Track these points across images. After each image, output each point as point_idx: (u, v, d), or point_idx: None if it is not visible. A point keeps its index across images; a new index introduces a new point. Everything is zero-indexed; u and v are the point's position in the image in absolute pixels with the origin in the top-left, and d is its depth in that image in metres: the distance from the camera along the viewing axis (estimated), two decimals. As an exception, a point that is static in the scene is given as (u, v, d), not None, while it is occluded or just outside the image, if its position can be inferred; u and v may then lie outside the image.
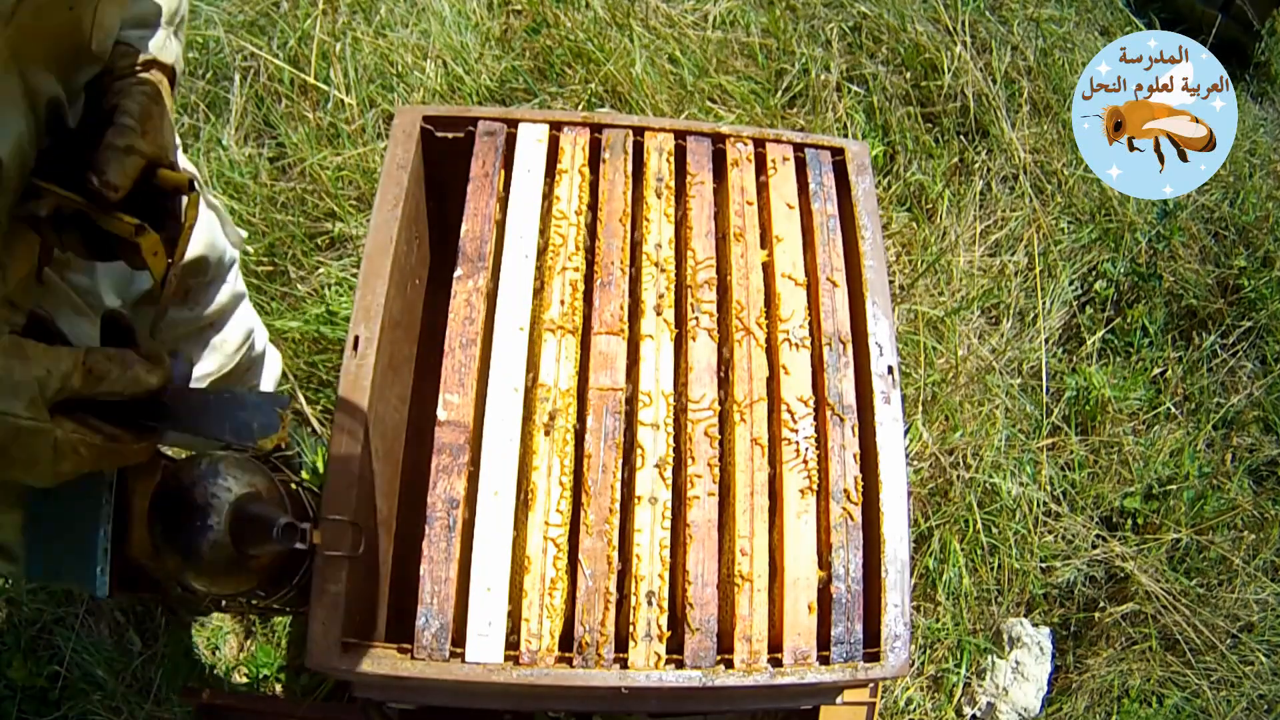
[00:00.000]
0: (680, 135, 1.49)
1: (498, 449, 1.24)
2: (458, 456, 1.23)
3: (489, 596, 1.17)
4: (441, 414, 1.25)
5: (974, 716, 2.04)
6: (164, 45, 1.00)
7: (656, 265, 1.38)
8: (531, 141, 1.44)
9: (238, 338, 1.60)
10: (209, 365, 1.54)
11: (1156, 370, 2.45)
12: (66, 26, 0.83)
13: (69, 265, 1.06)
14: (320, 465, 2.02)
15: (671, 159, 1.47)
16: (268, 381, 1.88)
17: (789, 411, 1.30)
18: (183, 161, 1.36)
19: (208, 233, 1.37)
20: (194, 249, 1.32)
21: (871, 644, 1.21)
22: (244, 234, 1.75)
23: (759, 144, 1.49)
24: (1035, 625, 2.11)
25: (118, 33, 0.95)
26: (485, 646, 1.15)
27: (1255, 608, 2.16)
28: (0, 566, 1.31)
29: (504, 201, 1.40)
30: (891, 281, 2.11)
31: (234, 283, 1.52)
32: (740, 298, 1.37)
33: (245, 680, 1.95)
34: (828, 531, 1.25)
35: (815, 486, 1.27)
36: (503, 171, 1.42)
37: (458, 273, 1.33)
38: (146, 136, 0.90)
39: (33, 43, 0.81)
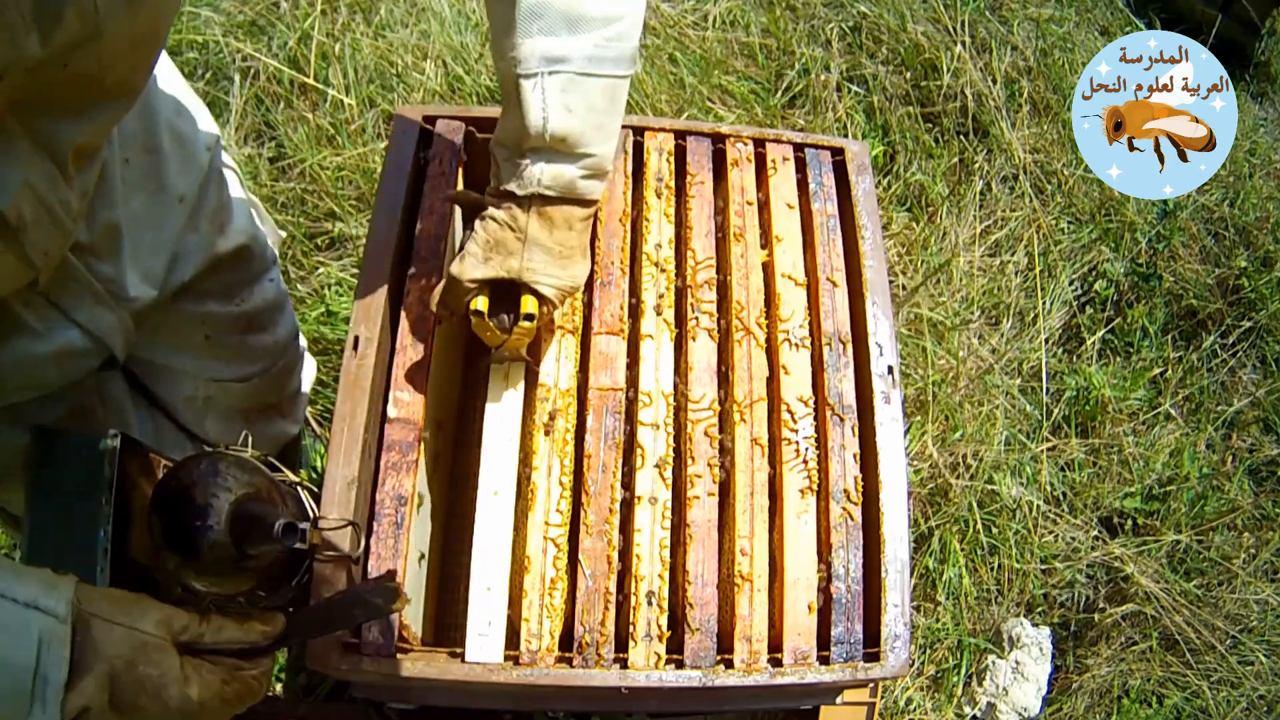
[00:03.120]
0: (680, 135, 1.49)
1: (498, 449, 1.24)
2: (406, 454, 1.22)
3: (489, 596, 1.17)
4: (391, 411, 1.25)
5: (974, 717, 2.04)
6: None
7: (656, 265, 1.38)
8: (531, 141, 1.44)
9: (285, 337, 1.57)
10: (253, 366, 1.50)
11: (1156, 370, 2.44)
12: (69, 81, 0.83)
13: (94, 252, 1.06)
14: (320, 465, 2.01)
15: (671, 159, 1.46)
16: (306, 384, 1.86)
17: (789, 411, 1.30)
18: (225, 159, 1.36)
19: (249, 221, 1.36)
20: (237, 237, 1.31)
21: (871, 644, 1.21)
22: (283, 234, 1.73)
23: (759, 144, 1.49)
24: (1035, 625, 2.11)
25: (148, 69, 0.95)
26: (485, 646, 1.14)
27: (1255, 608, 2.16)
28: (12, 534, 1.31)
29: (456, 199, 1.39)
30: (892, 283, 2.11)
31: (279, 281, 1.50)
32: (740, 298, 1.37)
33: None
34: (828, 531, 1.25)
35: (815, 486, 1.27)
36: (460, 169, 1.42)
37: (411, 270, 1.32)
38: None
39: (34, 97, 0.81)
